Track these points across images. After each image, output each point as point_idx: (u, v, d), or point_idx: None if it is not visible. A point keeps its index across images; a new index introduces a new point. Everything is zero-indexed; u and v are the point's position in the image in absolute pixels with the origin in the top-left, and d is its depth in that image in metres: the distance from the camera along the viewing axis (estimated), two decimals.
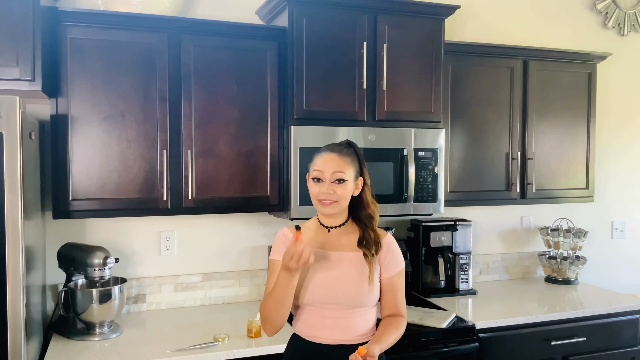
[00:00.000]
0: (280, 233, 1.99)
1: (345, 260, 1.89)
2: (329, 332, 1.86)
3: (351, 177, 1.87)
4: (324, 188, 1.84)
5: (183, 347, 2.22)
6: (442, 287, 3.12)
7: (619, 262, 3.77)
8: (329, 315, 1.86)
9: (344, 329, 1.86)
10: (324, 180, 1.85)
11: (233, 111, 2.53)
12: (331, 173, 1.83)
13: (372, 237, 1.90)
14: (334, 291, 1.85)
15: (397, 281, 1.93)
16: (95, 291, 2.33)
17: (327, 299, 1.85)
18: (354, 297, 1.85)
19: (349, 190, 1.87)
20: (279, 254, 1.91)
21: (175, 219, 2.78)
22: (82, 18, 2.32)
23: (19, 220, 1.85)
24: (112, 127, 2.37)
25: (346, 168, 1.85)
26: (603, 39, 3.66)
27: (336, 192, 1.84)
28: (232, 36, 2.52)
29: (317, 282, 1.86)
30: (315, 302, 1.87)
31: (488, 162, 3.03)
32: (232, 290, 2.91)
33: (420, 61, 2.74)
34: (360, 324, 1.88)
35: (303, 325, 1.91)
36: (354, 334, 1.86)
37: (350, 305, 1.86)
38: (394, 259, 1.94)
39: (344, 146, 1.92)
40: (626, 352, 2.90)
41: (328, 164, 1.84)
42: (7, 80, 2.08)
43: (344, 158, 1.86)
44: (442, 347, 2.50)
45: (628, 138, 3.76)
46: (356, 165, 1.90)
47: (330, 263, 1.88)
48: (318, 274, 1.87)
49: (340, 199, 1.85)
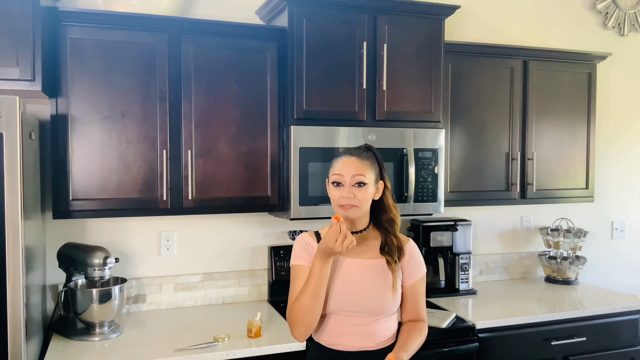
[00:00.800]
0: (300, 238, 1.93)
1: (367, 267, 1.85)
2: (352, 340, 1.83)
3: (371, 180, 1.83)
4: (344, 192, 1.80)
5: (183, 347, 2.22)
6: (442, 287, 3.12)
7: (619, 262, 3.77)
8: (352, 323, 1.83)
9: (367, 336, 1.83)
10: (344, 184, 1.80)
11: (233, 111, 2.53)
12: (351, 176, 1.80)
13: (395, 243, 1.86)
14: (356, 299, 1.82)
15: (419, 287, 1.91)
16: (95, 291, 2.33)
17: (349, 307, 1.82)
18: (376, 305, 1.82)
19: (370, 194, 1.83)
20: (301, 259, 1.88)
21: (175, 219, 2.78)
22: (82, 18, 2.32)
23: (19, 220, 1.85)
24: (112, 127, 2.37)
25: (366, 171, 1.81)
26: (603, 39, 3.66)
27: (357, 196, 1.79)
28: (232, 36, 2.52)
29: (340, 290, 1.82)
30: (338, 310, 1.83)
31: (488, 162, 3.04)
32: (232, 290, 2.91)
33: (420, 61, 2.74)
34: (383, 330, 1.86)
35: (325, 333, 1.87)
36: (376, 341, 1.84)
37: (373, 313, 1.83)
38: (417, 266, 1.91)
39: (363, 150, 1.89)
40: (626, 352, 2.90)
41: (348, 167, 1.81)
42: (7, 80, 2.08)
43: (363, 161, 1.83)
44: (442, 347, 2.50)
45: (628, 138, 3.76)
46: (376, 168, 1.86)
47: (352, 270, 1.84)
48: (340, 281, 1.83)
49: (361, 203, 1.81)
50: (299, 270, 1.86)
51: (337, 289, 1.82)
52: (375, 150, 1.91)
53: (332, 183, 1.84)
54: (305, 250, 1.88)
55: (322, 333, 1.88)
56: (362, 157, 1.84)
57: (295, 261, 1.90)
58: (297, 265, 1.88)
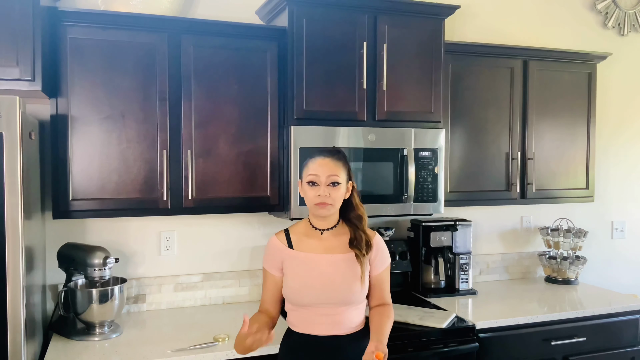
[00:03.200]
0: (270, 242, 2.08)
1: (337, 262, 1.98)
2: (324, 328, 1.96)
3: (344, 180, 1.98)
4: (320, 191, 1.93)
5: (183, 347, 2.22)
6: (442, 287, 3.12)
7: (619, 262, 3.77)
8: (324, 313, 1.95)
9: (337, 324, 1.96)
10: (320, 183, 1.94)
11: (233, 111, 2.53)
12: (326, 176, 1.93)
13: (363, 238, 2.00)
14: (327, 293, 1.94)
15: (385, 276, 2.08)
16: (95, 291, 2.33)
17: (321, 300, 1.95)
18: (347, 296, 1.95)
19: (342, 193, 1.98)
20: (268, 264, 2.06)
21: (175, 219, 2.78)
22: (82, 18, 2.32)
23: (19, 220, 1.85)
24: (112, 127, 2.37)
25: (339, 172, 1.96)
26: (603, 39, 3.66)
27: (331, 195, 1.94)
28: (232, 36, 2.52)
29: (311, 285, 1.95)
30: (311, 303, 1.96)
31: (488, 162, 3.03)
32: (232, 290, 2.91)
33: (420, 61, 2.74)
34: (353, 317, 1.99)
35: (297, 322, 2.01)
36: (346, 327, 1.97)
37: (343, 303, 1.95)
38: (383, 257, 2.06)
39: (335, 152, 2.02)
40: (626, 352, 2.90)
41: (323, 168, 1.94)
42: (7, 80, 2.08)
43: (337, 162, 1.97)
44: (442, 347, 2.50)
45: (628, 138, 3.76)
46: (346, 169, 2.00)
47: (323, 266, 1.97)
48: (312, 277, 1.96)
49: (335, 202, 1.96)
50: (266, 274, 2.07)
51: (310, 284, 1.96)
52: (344, 153, 2.05)
53: (307, 183, 1.96)
54: (272, 254, 2.05)
55: (296, 322, 2.01)
56: (335, 159, 1.98)
57: (264, 264, 2.09)
58: (265, 268, 2.08)
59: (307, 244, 2.01)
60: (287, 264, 2.01)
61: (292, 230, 2.08)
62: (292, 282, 1.99)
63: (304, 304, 1.97)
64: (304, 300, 1.96)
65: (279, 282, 2.04)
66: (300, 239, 2.03)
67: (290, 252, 2.02)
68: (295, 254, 2.01)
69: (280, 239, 2.06)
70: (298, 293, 1.97)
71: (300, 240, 2.03)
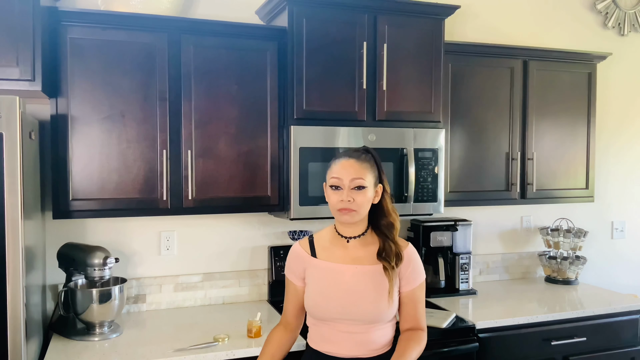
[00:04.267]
0: (293, 248, 1.92)
1: (363, 274, 1.80)
2: (345, 347, 1.80)
3: (371, 183, 1.79)
4: (343, 196, 1.76)
5: (183, 347, 2.22)
6: (442, 287, 3.12)
7: (619, 262, 3.77)
8: (346, 330, 1.80)
9: (360, 344, 1.80)
10: (343, 187, 1.77)
11: (233, 111, 2.53)
12: (350, 180, 1.76)
13: (393, 249, 1.79)
14: (351, 307, 1.78)
15: (418, 294, 1.85)
16: (95, 291, 2.33)
17: (343, 315, 1.79)
18: (371, 313, 1.78)
19: (369, 198, 1.79)
20: (290, 271, 1.92)
21: (175, 219, 2.78)
22: (82, 18, 2.32)
23: (19, 220, 1.85)
24: (112, 127, 2.37)
25: (365, 174, 1.77)
26: (603, 39, 3.66)
27: (356, 200, 1.76)
28: (232, 36, 2.52)
29: (334, 298, 1.80)
30: (332, 318, 1.81)
31: (488, 162, 3.03)
32: (232, 290, 2.91)
33: (420, 61, 2.74)
34: (378, 338, 1.82)
35: (317, 338, 1.86)
36: (370, 348, 1.81)
37: (368, 321, 1.79)
38: (416, 271, 1.84)
39: (362, 152, 1.85)
40: (626, 352, 2.90)
41: (347, 170, 1.77)
42: (7, 80, 2.08)
43: (362, 164, 1.79)
44: (442, 347, 2.50)
45: (628, 138, 3.76)
46: (375, 171, 1.82)
47: (347, 277, 1.81)
48: (335, 289, 1.80)
49: (359, 207, 1.77)
50: (288, 282, 1.94)
51: (332, 297, 1.80)
52: (374, 153, 1.87)
53: (330, 186, 1.80)
54: (294, 262, 1.90)
55: (316, 339, 1.86)
56: (361, 160, 1.80)
57: (286, 271, 1.95)
58: (287, 276, 1.95)
59: (331, 253, 1.84)
60: (309, 274, 1.85)
61: (317, 237, 1.90)
62: (313, 294, 1.83)
63: (324, 319, 1.81)
64: (325, 315, 1.80)
65: (301, 292, 1.89)
66: (325, 247, 1.86)
67: (313, 260, 1.85)
68: (317, 262, 1.84)
69: (304, 246, 1.89)
70: (318, 306, 1.81)
71: (324, 249, 1.85)
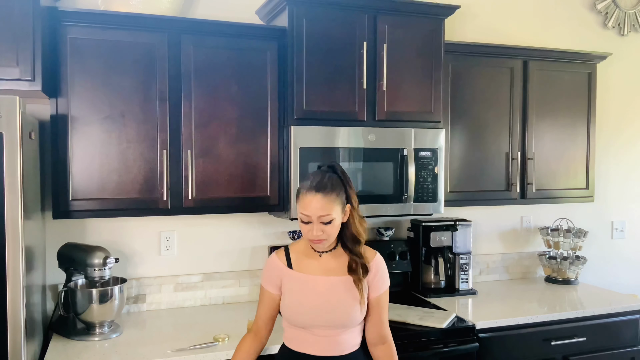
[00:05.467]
0: (270, 259, 2.03)
1: (336, 284, 1.92)
2: (320, 348, 1.92)
3: (338, 212, 1.87)
4: (313, 230, 1.86)
5: (183, 347, 2.22)
6: (442, 287, 3.12)
7: (619, 262, 3.77)
8: (318, 334, 1.92)
9: (333, 345, 1.92)
10: (313, 222, 1.86)
11: (233, 111, 2.53)
12: (317, 217, 1.84)
13: (359, 263, 1.91)
14: (326, 315, 1.90)
15: (384, 299, 1.99)
16: (95, 291, 2.33)
17: (319, 322, 1.91)
18: (344, 319, 1.90)
19: (338, 225, 1.89)
20: (266, 281, 2.00)
21: (175, 219, 2.78)
22: (82, 18, 2.32)
23: (19, 220, 1.85)
24: (112, 127, 2.37)
25: (332, 208, 1.85)
26: (603, 39, 3.66)
27: (325, 231, 1.87)
28: (232, 36, 2.52)
29: (309, 307, 1.91)
30: (308, 325, 1.92)
31: (488, 162, 3.03)
32: (232, 290, 2.91)
33: (420, 61, 2.74)
34: (349, 340, 1.94)
35: (293, 339, 1.97)
36: (342, 349, 1.93)
37: (341, 326, 1.91)
38: (382, 279, 1.98)
39: (327, 177, 1.89)
40: (626, 352, 2.90)
41: (314, 208, 1.84)
42: (7, 80, 2.08)
43: (328, 196, 1.84)
44: (442, 347, 2.50)
45: (628, 138, 3.76)
46: (342, 196, 1.88)
47: (321, 288, 1.92)
48: (309, 299, 1.92)
49: (330, 236, 1.89)
50: (263, 291, 2.03)
51: (307, 306, 1.91)
52: (339, 171, 1.92)
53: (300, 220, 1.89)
54: (272, 272, 2.00)
55: (292, 340, 1.97)
56: (327, 191, 1.85)
57: (262, 281, 2.04)
58: (262, 286, 2.04)
59: (306, 265, 1.95)
60: (285, 283, 1.97)
61: (292, 248, 2.01)
62: (290, 303, 1.95)
63: (300, 325, 1.93)
64: (301, 322, 1.92)
65: (277, 300, 2.00)
66: (300, 259, 1.97)
67: (289, 271, 1.96)
68: (293, 274, 1.95)
69: (280, 257, 2.00)
70: (296, 314, 1.93)
71: (299, 260, 1.97)
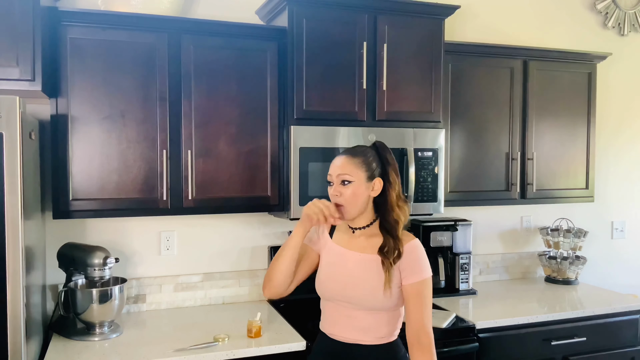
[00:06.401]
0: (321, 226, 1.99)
1: (365, 262, 1.85)
2: (346, 331, 1.87)
3: (360, 178, 1.83)
4: (331, 190, 1.87)
5: (183, 347, 2.22)
6: (442, 287, 3.12)
7: (619, 262, 3.77)
8: (346, 314, 1.87)
9: (360, 330, 1.85)
10: (333, 182, 1.87)
11: (233, 111, 2.53)
12: (337, 175, 1.85)
13: (392, 246, 1.82)
14: (349, 291, 1.85)
15: (421, 290, 1.82)
16: (95, 291, 2.33)
17: (343, 297, 1.86)
18: (368, 299, 1.83)
19: (358, 193, 1.83)
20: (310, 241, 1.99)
21: (175, 219, 2.78)
22: (82, 18, 2.32)
23: (19, 220, 1.85)
24: (112, 127, 2.37)
25: (352, 170, 1.83)
26: (603, 39, 3.66)
27: (343, 194, 1.84)
28: (232, 36, 2.52)
29: (336, 280, 1.88)
30: (331, 297, 1.90)
31: (488, 162, 3.03)
32: (232, 290, 2.91)
33: (420, 61, 2.74)
34: (379, 327, 1.85)
35: (324, 321, 1.96)
36: (372, 336, 1.85)
37: (366, 307, 1.84)
38: (416, 266, 1.84)
39: (364, 147, 1.91)
40: (626, 352, 2.90)
41: (334, 167, 1.87)
42: (7, 80, 2.08)
43: (353, 159, 1.84)
44: (442, 347, 2.49)
45: (628, 138, 3.76)
46: (371, 166, 1.85)
47: (349, 262, 1.88)
48: (336, 270, 1.89)
49: (347, 201, 1.83)
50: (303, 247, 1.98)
51: (334, 278, 1.89)
52: (380, 148, 1.90)
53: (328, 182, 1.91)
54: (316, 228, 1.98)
55: (324, 321, 1.96)
56: (355, 155, 1.86)
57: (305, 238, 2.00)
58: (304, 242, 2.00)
59: (342, 238, 1.94)
60: (323, 252, 1.96)
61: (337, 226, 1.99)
62: (321, 272, 1.94)
63: (326, 297, 1.92)
64: (326, 293, 1.91)
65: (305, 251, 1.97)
66: (340, 232, 1.96)
67: (328, 240, 1.96)
68: (330, 244, 1.95)
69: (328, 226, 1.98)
70: (322, 284, 1.91)
71: (339, 233, 1.96)
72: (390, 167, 1.87)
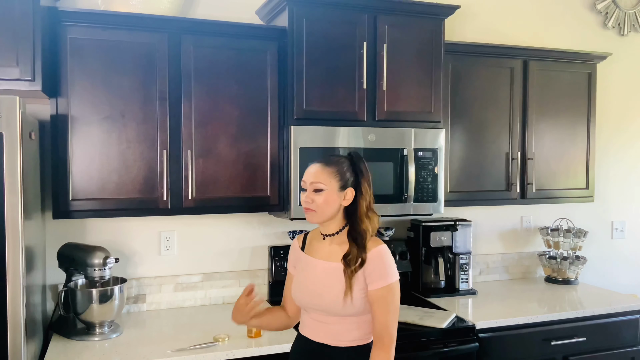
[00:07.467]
0: (292, 243, 2.08)
1: (331, 270, 1.89)
2: (317, 333, 1.93)
3: (333, 186, 1.85)
4: (303, 196, 1.90)
5: (183, 347, 2.22)
6: (442, 287, 3.12)
7: (619, 262, 3.77)
8: (317, 319, 1.93)
9: (329, 334, 1.90)
10: (307, 189, 1.89)
11: (233, 111, 2.53)
12: (310, 182, 1.88)
13: (356, 253, 1.84)
14: (317, 298, 1.91)
15: (384, 295, 1.84)
16: (95, 291, 2.33)
17: (312, 305, 1.93)
18: (333, 306, 1.87)
19: (329, 200, 1.85)
20: (289, 263, 2.08)
21: (175, 219, 2.78)
22: (82, 18, 2.32)
23: (19, 220, 1.85)
24: (112, 127, 2.37)
25: (325, 178, 1.85)
26: (603, 39, 3.66)
27: (314, 201, 1.86)
28: (232, 36, 2.52)
29: (303, 287, 1.95)
30: (302, 305, 1.97)
31: (488, 162, 3.04)
32: (232, 290, 2.91)
33: (420, 61, 2.75)
34: (346, 332, 1.89)
35: (301, 324, 2.02)
36: (338, 339, 1.89)
37: (332, 313, 1.89)
38: (380, 272, 1.84)
39: (340, 157, 1.93)
40: (626, 352, 2.90)
41: (308, 174, 1.90)
42: (7, 80, 2.08)
43: (327, 168, 1.87)
44: (442, 347, 2.50)
45: (628, 138, 3.76)
46: (345, 176, 1.87)
47: (317, 271, 1.93)
48: (305, 279, 1.96)
49: (318, 208, 1.86)
50: (288, 273, 2.10)
51: (302, 286, 1.96)
52: (355, 158, 1.91)
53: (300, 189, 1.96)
54: (291, 254, 2.07)
55: (301, 324, 2.03)
56: (329, 164, 1.88)
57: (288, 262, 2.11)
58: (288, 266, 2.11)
59: (313, 248, 1.98)
60: (298, 265, 2.02)
61: (311, 233, 2.05)
62: (295, 283, 2.01)
63: (301, 305, 1.98)
64: (299, 302, 1.97)
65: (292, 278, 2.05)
66: (311, 243, 2.00)
67: (301, 253, 2.01)
68: (303, 256, 2.00)
69: (299, 240, 2.05)
70: (295, 294, 1.98)
71: (310, 244, 2.00)
72: (364, 178, 1.90)
